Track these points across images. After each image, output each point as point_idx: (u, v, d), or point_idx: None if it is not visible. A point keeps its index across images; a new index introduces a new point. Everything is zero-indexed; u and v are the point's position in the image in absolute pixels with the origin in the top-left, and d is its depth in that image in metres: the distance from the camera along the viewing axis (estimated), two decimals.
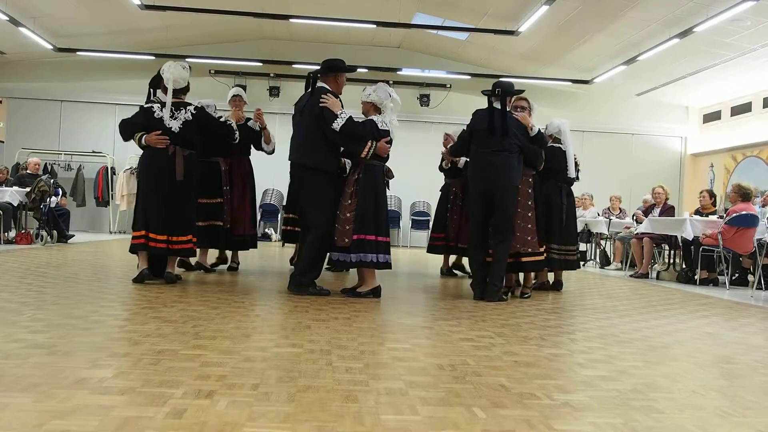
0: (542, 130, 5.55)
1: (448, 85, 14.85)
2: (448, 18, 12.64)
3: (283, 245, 11.01)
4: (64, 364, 2.46)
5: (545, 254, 5.70)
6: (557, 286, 6.39)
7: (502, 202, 5.11)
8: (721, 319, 4.95)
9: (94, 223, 14.43)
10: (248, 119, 6.60)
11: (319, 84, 4.98)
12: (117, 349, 2.76)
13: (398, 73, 13.95)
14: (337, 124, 4.74)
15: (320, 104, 4.78)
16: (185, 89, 5.19)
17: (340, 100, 4.91)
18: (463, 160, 7.57)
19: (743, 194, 7.70)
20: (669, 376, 2.89)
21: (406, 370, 2.66)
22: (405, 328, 3.72)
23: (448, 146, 6.07)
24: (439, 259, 7.98)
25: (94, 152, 14.11)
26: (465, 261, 7.87)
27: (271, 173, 12.17)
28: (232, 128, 5.59)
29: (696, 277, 7.91)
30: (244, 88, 14.54)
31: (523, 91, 5.51)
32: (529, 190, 5.43)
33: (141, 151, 5.21)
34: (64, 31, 12.55)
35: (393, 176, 5.11)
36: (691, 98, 14.83)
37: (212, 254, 6.78)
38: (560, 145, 6.18)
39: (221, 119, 5.65)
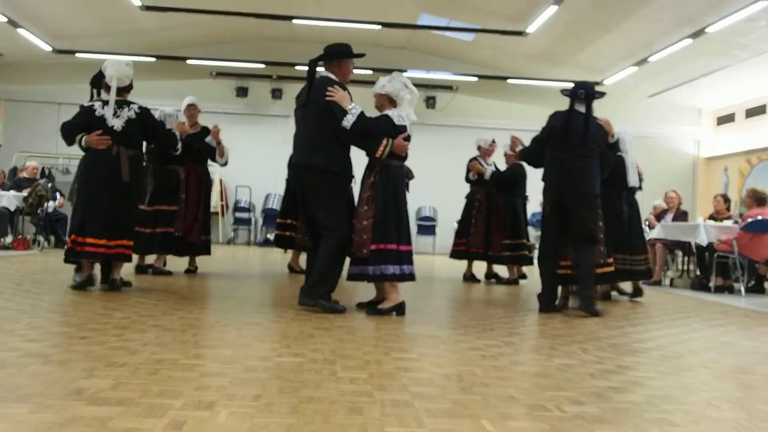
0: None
1: (455, 87, 14.74)
2: (454, 18, 12.56)
3: (285, 251, 10.92)
4: (61, 373, 2.42)
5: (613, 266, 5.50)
6: (638, 293, 6.29)
7: (581, 211, 4.84)
8: (737, 328, 4.85)
9: None
10: (207, 132, 6.62)
11: (323, 73, 4.46)
12: (115, 359, 2.70)
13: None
14: (348, 122, 4.23)
15: (327, 98, 4.25)
16: (128, 87, 4.99)
17: (349, 92, 4.41)
18: (489, 171, 7.55)
19: (759, 199, 7.58)
20: (684, 387, 2.82)
21: (412, 380, 2.60)
22: (410, 337, 3.65)
23: (517, 149, 5.51)
24: (449, 264, 7.94)
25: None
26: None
27: (273, 178, 12.12)
28: (175, 137, 5.39)
29: (710, 284, 7.77)
30: (245, 90, 14.59)
31: (605, 94, 5.23)
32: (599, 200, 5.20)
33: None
34: (63, 32, 12.50)
35: (413, 176, 4.67)
36: (705, 100, 14.68)
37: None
38: (620, 153, 6.02)
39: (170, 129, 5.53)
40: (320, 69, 4.59)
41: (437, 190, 14.51)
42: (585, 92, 4.95)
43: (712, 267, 7.76)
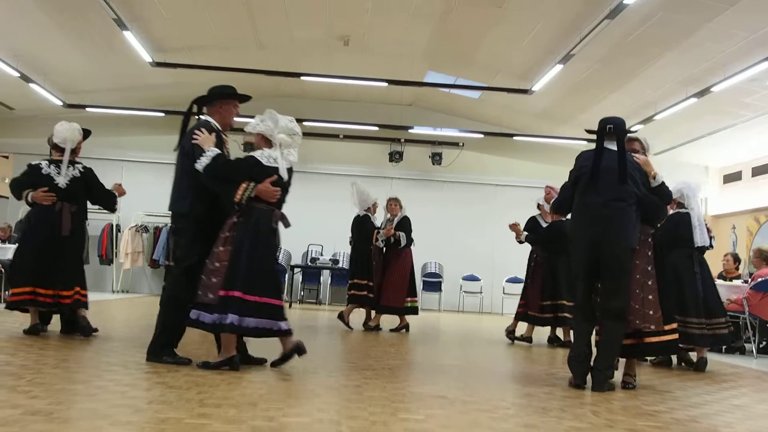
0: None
1: (461, 144, 14.89)
2: (461, 76, 12.78)
3: (290, 306, 10.78)
4: None
5: (677, 333, 4.44)
6: (700, 365, 5.57)
7: (616, 266, 4.07)
8: (750, 390, 4.75)
9: (98, 281, 14.00)
10: None
11: (203, 117, 4.42)
12: (119, 417, 2.65)
13: (410, 131, 14.06)
14: (200, 164, 4.02)
15: (192, 141, 4.14)
16: (76, 149, 5.45)
17: (221, 135, 4.32)
18: (523, 236, 7.17)
19: (766, 258, 7.53)
20: None
21: None
22: (417, 397, 3.58)
23: (551, 201, 4.95)
24: (456, 321, 7.80)
25: (99, 209, 14.02)
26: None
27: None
28: (114, 197, 5.66)
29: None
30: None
31: (636, 131, 4.85)
32: (649, 252, 4.33)
33: (148, 209, 5.26)
34: (74, 87, 12.72)
35: (289, 225, 4.24)
36: (711, 158, 14.73)
37: None
38: (686, 210, 5.75)
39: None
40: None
41: (443, 246, 14.46)
42: (614, 126, 4.29)
43: None
